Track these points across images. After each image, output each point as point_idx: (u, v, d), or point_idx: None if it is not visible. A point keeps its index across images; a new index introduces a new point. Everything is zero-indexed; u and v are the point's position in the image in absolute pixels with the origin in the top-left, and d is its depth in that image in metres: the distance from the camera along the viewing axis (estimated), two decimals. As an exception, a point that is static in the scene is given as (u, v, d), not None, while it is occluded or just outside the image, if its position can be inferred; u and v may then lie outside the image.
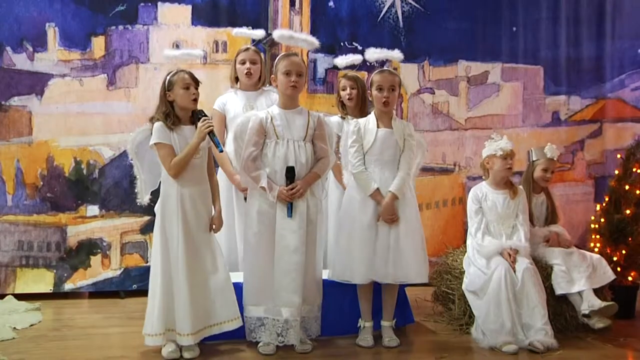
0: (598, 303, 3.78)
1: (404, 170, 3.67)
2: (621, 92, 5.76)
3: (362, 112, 4.19)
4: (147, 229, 4.70)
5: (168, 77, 3.44)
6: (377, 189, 3.63)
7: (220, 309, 3.46)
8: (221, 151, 3.54)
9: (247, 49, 4.29)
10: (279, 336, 3.51)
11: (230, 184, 4.17)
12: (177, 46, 4.81)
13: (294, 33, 4.06)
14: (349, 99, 4.23)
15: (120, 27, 4.82)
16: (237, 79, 4.31)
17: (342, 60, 4.47)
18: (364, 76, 4.36)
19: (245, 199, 3.80)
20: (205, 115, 3.46)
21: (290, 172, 3.50)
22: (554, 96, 5.64)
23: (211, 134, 3.42)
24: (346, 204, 3.76)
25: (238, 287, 3.56)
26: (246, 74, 4.22)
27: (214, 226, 3.53)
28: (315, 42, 3.95)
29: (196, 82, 3.45)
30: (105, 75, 4.80)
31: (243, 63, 4.24)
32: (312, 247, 3.59)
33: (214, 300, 3.45)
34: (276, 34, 4.03)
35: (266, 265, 3.51)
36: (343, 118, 4.27)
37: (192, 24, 4.91)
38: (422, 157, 3.97)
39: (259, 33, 4.53)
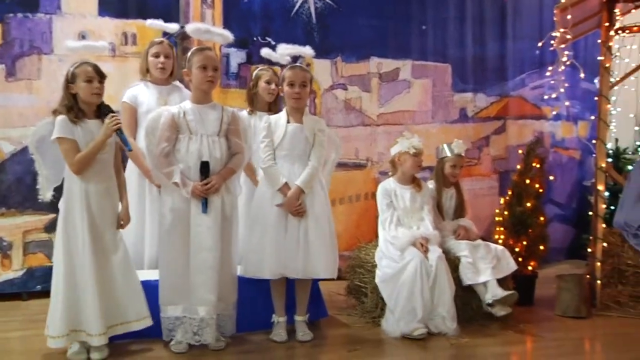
0: (500, 292, 3.95)
1: (313, 165, 3.69)
2: (522, 90, 6.05)
3: (273, 107, 4.19)
4: (52, 227, 4.48)
5: (71, 69, 3.30)
6: (286, 183, 3.64)
7: (128, 308, 3.37)
8: (130, 150, 3.44)
9: (161, 42, 4.17)
10: (195, 335, 3.46)
11: (141, 179, 4.06)
12: (84, 37, 4.63)
13: (211, 27, 3.99)
14: (269, 93, 4.21)
15: (20, 15, 4.57)
16: (147, 71, 4.19)
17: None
18: (277, 72, 4.34)
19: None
20: (112, 112, 3.34)
21: (204, 167, 3.45)
22: (462, 93, 5.83)
23: (119, 132, 3.30)
24: (258, 200, 3.75)
25: (146, 286, 3.47)
26: (160, 67, 4.12)
27: (121, 222, 3.44)
28: (230, 36, 3.90)
29: (101, 76, 3.31)
30: (4, 65, 4.55)
31: (156, 56, 4.13)
32: (228, 244, 3.55)
33: (121, 298, 3.35)
34: (191, 28, 3.94)
35: (182, 263, 3.45)
36: (250, 113, 4.24)
37: (99, 14, 4.72)
38: (336, 154, 4.02)
39: (173, 26, 4.43)
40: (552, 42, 4.75)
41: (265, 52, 4.38)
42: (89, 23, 4.70)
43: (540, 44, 5.31)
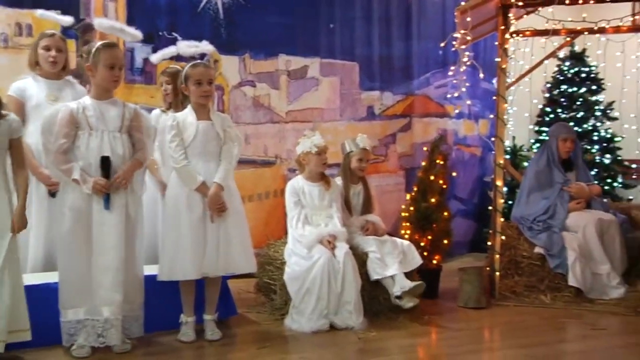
0: (408, 284, 4.05)
1: (227, 161, 3.68)
2: (427, 89, 6.23)
3: (183, 105, 4.10)
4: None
5: None
6: (203, 182, 3.59)
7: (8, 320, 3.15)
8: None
9: (53, 34, 3.95)
10: (99, 337, 3.34)
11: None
12: (-28, 26, 4.36)
13: (124, 26, 3.81)
14: (166, 94, 4.15)
15: None
16: (37, 64, 3.99)
17: (157, 56, 4.28)
18: (183, 67, 4.22)
19: (51, 194, 3.58)
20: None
21: (105, 162, 3.34)
22: (369, 91, 5.94)
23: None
24: (171, 202, 3.64)
25: (30, 290, 3.31)
26: (51, 61, 3.92)
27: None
28: (140, 35, 3.79)
29: None
30: None
31: (47, 49, 3.91)
32: (132, 244, 3.46)
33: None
34: (104, 25, 3.73)
35: (84, 264, 3.33)
36: (164, 111, 4.15)
37: (-11, 2, 4.46)
38: (239, 149, 3.99)
39: (67, 19, 4.21)
40: (453, 43, 4.93)
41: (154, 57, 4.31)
42: (-23, 11, 4.43)
43: (442, 45, 5.49)
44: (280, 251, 4.29)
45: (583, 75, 6.47)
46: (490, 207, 4.94)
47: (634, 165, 6.31)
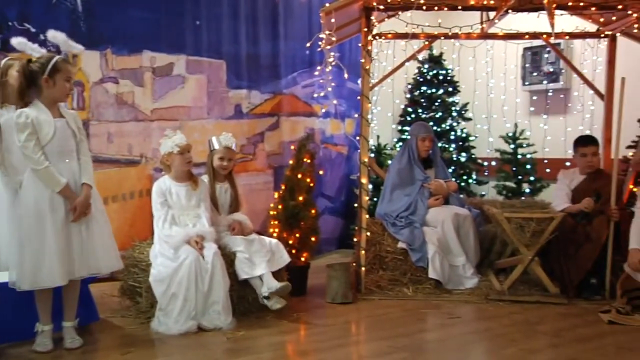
0: (275, 285, 4.08)
1: (88, 159, 3.57)
2: (294, 88, 6.29)
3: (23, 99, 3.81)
4: None
5: None
6: (67, 183, 3.41)
7: None
8: None
9: None
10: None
11: None
12: None
13: None
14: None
15: None
16: None
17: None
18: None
19: None
20: None
21: None
22: (237, 90, 5.90)
23: None
24: (31, 206, 3.38)
25: None
26: None
27: None
28: None
29: None
30: None
31: None
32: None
33: None
34: None
35: None
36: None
37: None
38: None
39: None
40: (319, 43, 5.01)
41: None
42: None
43: (308, 45, 5.57)
44: (145, 253, 4.18)
45: (441, 77, 6.82)
46: (356, 205, 5.08)
47: (485, 163, 6.75)
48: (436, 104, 6.76)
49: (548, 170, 6.12)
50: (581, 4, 4.70)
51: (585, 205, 4.61)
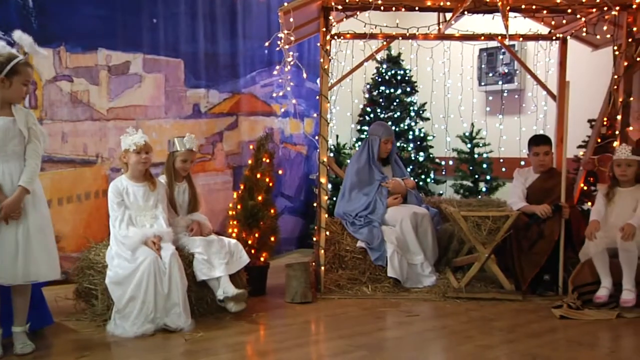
0: (232, 290, 4.06)
1: (34, 162, 3.41)
2: (253, 87, 6.27)
3: None
4: None
5: None
6: (0, 185, 3.31)
7: None
8: None
9: None
10: None
11: None
12: None
13: None
14: None
15: None
16: None
17: None
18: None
19: None
20: None
21: None
22: (195, 89, 5.84)
23: None
24: None
25: None
26: None
27: None
28: None
29: None
30: None
31: None
32: None
33: None
34: None
35: None
36: None
37: None
38: (42, 147, 3.72)
39: None
40: (278, 42, 5.00)
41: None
42: None
43: (267, 44, 5.55)
44: (102, 254, 4.11)
45: (399, 77, 6.88)
46: (315, 204, 5.09)
47: (443, 162, 6.85)
48: (394, 103, 6.82)
49: (504, 169, 6.25)
50: (533, 7, 4.80)
51: (541, 211, 4.66)
